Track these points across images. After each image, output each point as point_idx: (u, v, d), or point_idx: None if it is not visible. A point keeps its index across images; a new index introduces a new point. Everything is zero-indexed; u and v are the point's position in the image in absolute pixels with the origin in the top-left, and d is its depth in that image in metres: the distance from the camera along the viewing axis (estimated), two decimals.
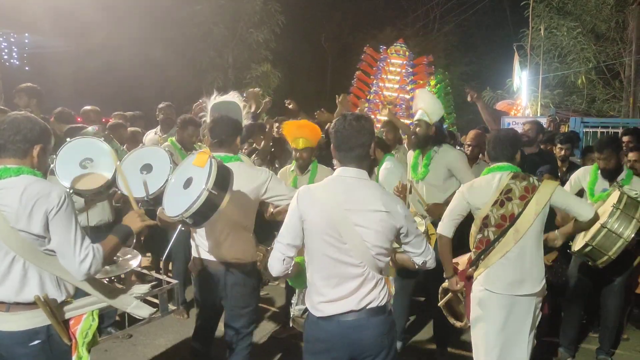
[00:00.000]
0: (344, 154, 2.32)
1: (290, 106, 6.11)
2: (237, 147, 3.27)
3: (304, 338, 2.46)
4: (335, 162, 2.43)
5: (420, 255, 2.44)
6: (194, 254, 3.26)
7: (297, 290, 2.86)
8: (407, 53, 11.68)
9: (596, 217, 3.07)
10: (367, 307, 2.29)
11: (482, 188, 3.10)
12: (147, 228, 2.50)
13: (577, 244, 3.75)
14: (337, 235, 2.25)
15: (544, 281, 3.07)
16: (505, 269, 3.00)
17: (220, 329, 3.41)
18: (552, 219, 3.37)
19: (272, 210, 4.21)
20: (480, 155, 4.98)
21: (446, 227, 3.25)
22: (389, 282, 2.46)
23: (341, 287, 2.29)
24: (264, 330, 4.88)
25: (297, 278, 2.68)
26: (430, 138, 4.13)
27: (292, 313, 2.76)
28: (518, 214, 2.97)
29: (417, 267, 2.49)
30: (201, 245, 3.17)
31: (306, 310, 2.45)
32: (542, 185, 3.02)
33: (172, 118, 6.00)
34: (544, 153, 5.22)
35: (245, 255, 3.17)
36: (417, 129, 4.14)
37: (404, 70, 11.45)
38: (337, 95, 5.96)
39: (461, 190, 3.23)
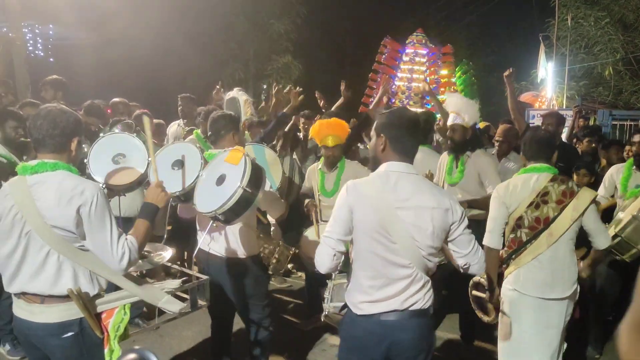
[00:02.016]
0: (402, 147, 2.23)
1: (320, 102, 6.11)
2: (231, 141, 3.18)
3: (341, 335, 2.40)
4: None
5: (465, 256, 2.28)
6: (199, 245, 3.27)
7: (329, 284, 2.79)
8: (428, 43, 11.50)
9: (607, 249, 3.03)
10: (410, 308, 2.19)
11: (517, 188, 2.99)
12: (169, 199, 2.49)
13: None
14: (387, 234, 2.14)
15: (576, 285, 2.96)
16: (537, 271, 2.91)
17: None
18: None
19: (307, 201, 4.27)
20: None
21: (494, 239, 3.03)
22: None
23: (388, 288, 2.18)
24: (288, 322, 4.89)
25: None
26: (468, 142, 4.07)
27: (326, 310, 2.68)
28: (553, 217, 2.88)
29: (461, 270, 2.36)
30: (205, 238, 3.18)
31: (344, 307, 2.38)
32: (582, 191, 2.91)
33: (186, 110, 6.00)
34: (565, 146, 5.12)
35: (242, 250, 3.17)
36: (454, 134, 4.07)
37: (428, 62, 11.26)
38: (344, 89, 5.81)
39: (497, 195, 3.05)
